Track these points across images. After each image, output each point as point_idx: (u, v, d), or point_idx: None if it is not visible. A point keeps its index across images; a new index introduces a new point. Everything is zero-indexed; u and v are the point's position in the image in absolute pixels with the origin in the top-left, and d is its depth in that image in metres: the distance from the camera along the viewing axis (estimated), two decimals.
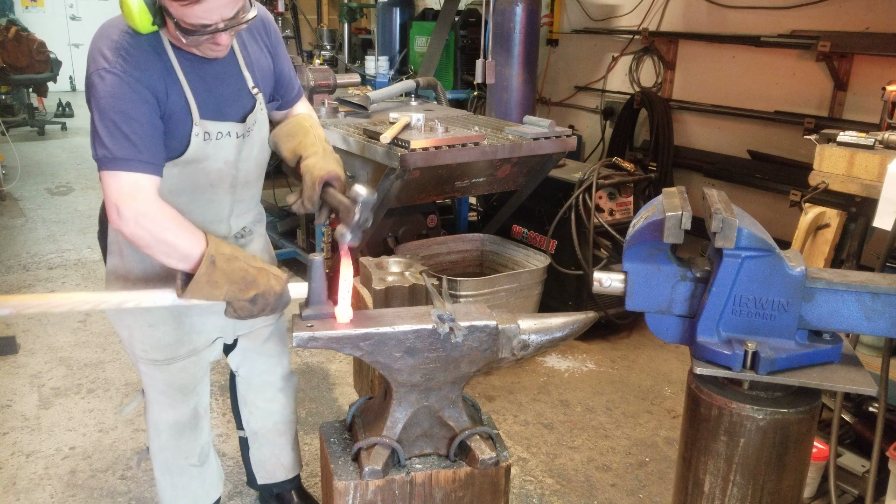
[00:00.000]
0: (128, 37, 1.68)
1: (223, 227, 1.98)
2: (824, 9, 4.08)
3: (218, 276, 1.64)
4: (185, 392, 2.08)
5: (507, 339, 1.70)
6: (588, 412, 3.27)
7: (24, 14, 11.15)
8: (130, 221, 1.62)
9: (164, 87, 1.70)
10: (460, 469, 1.70)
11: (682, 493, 1.59)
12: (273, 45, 1.98)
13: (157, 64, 1.69)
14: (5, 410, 3.16)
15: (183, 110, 1.74)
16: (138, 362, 2.03)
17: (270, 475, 2.41)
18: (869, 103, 3.91)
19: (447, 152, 3.17)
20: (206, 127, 1.77)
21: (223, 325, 2.06)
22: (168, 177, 1.77)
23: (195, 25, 1.60)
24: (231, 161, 1.87)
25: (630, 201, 3.92)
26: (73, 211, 6.06)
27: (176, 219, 1.65)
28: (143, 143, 1.64)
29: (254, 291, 1.66)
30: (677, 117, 5.06)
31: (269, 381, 2.28)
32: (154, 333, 1.97)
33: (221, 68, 1.82)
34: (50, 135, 9.13)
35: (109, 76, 1.63)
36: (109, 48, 1.66)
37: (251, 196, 2.04)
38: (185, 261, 1.64)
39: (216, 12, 1.60)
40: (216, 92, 1.81)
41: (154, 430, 2.12)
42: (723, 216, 1.34)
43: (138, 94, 1.64)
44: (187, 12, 1.58)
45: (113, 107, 1.62)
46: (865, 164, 2.28)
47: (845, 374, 1.44)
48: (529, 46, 4.85)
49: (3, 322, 3.95)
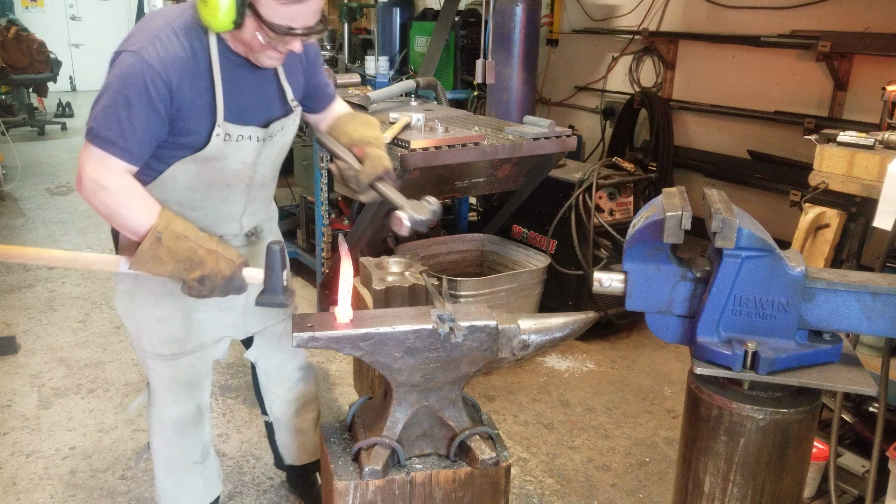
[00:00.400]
0: (169, 29, 1.70)
1: (235, 225, 2.01)
2: (824, 9, 4.08)
3: (162, 253, 1.68)
4: (190, 388, 2.11)
5: (507, 339, 1.70)
6: (588, 412, 3.27)
7: (24, 14, 11.14)
8: (88, 191, 1.67)
9: (189, 80, 1.71)
10: (460, 469, 1.70)
11: (682, 493, 1.59)
12: (310, 63, 2.03)
13: (190, 60, 1.71)
14: (5, 410, 3.16)
15: (208, 109, 1.77)
16: (145, 357, 2.05)
17: (296, 458, 2.50)
18: (869, 103, 3.91)
19: (447, 152, 3.17)
20: (227, 129, 1.80)
21: (233, 322, 2.09)
22: (185, 173, 1.81)
23: (283, 26, 1.65)
24: (249, 163, 1.91)
25: (630, 201, 3.92)
26: (73, 211, 6.06)
27: (133, 194, 1.69)
28: (130, 133, 1.66)
29: (199, 272, 1.70)
30: (677, 117, 5.06)
31: (287, 373, 2.34)
32: (163, 328, 1.99)
33: (257, 77, 1.86)
34: (50, 135, 9.13)
35: (132, 59, 1.66)
36: (145, 34, 1.70)
37: (265, 196, 2.08)
38: (134, 234, 1.70)
39: (305, 17, 1.66)
40: (246, 98, 1.84)
41: (158, 427, 2.14)
42: (723, 216, 1.34)
43: (149, 86, 1.65)
44: (282, 11, 1.63)
45: (120, 90, 1.65)
46: (865, 165, 2.28)
47: (845, 374, 1.44)
48: (529, 46, 4.85)
49: (4, 322, 3.95)
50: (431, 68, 5.43)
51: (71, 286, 4.50)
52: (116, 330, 3.92)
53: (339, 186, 3.68)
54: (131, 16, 9.85)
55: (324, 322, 1.65)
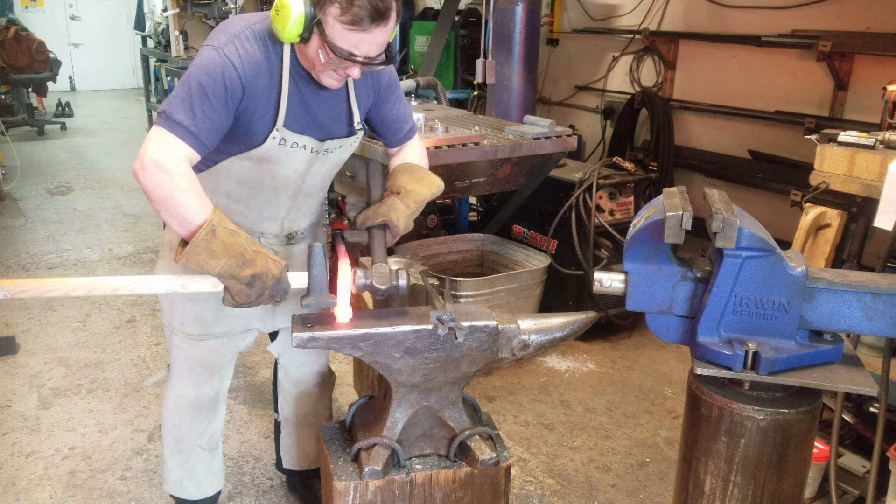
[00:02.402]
0: (249, 32, 1.76)
1: (276, 225, 2.04)
2: (825, 8, 4.07)
3: (216, 246, 1.62)
4: (210, 371, 2.15)
5: (507, 339, 1.69)
6: (588, 412, 3.26)
7: (23, 14, 11.13)
8: (148, 171, 1.63)
9: (260, 82, 1.75)
10: (460, 469, 1.69)
11: (683, 494, 1.59)
12: (383, 90, 2.03)
13: (263, 63, 1.76)
14: (5, 411, 3.16)
15: (270, 113, 1.80)
16: (173, 334, 2.10)
17: (296, 462, 2.51)
18: (870, 103, 3.90)
19: (447, 152, 3.16)
20: (284, 134, 1.83)
21: (262, 314, 2.13)
22: (239, 168, 1.86)
23: (345, 51, 1.67)
24: (300, 172, 1.93)
25: (630, 201, 3.92)
26: (72, 211, 6.06)
27: (192, 183, 1.66)
28: (202, 121, 1.68)
29: (251, 271, 1.64)
30: (678, 117, 5.05)
31: (305, 376, 2.36)
32: (195, 308, 2.03)
33: (326, 95, 1.89)
34: (49, 135, 9.12)
35: (212, 53, 1.71)
36: (227, 33, 1.75)
37: (311, 205, 2.10)
38: (187, 225, 1.63)
39: (367, 46, 1.69)
40: (310, 112, 1.87)
41: (172, 404, 2.19)
42: (723, 216, 1.34)
43: (226, 80, 1.69)
44: (347, 36, 1.66)
45: (198, 78, 1.69)
46: (866, 164, 2.28)
47: (846, 375, 1.44)
48: (530, 46, 4.85)
49: (3, 322, 3.94)
50: (431, 68, 5.43)
51: None
52: (116, 330, 3.92)
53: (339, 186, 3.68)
54: (131, 16, 9.81)
55: (324, 322, 1.65)
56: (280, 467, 2.60)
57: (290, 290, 1.71)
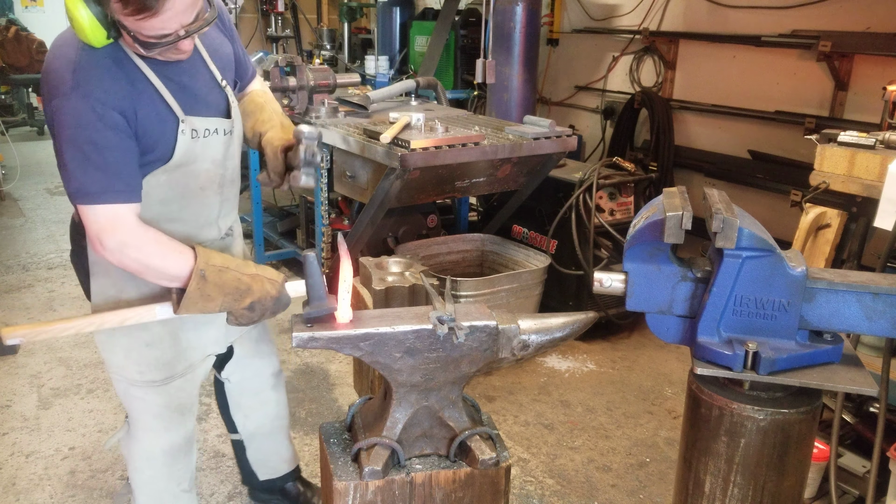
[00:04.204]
0: (85, 53, 1.58)
1: (213, 230, 1.95)
2: (825, 8, 4.07)
3: (210, 290, 1.63)
4: (181, 412, 2.03)
5: (507, 339, 1.69)
6: (588, 412, 3.26)
7: (23, 14, 11.10)
8: (116, 252, 1.61)
9: (132, 101, 1.61)
10: (460, 469, 1.69)
11: (683, 494, 1.59)
12: (229, 30, 1.92)
13: (122, 78, 1.60)
14: (5, 411, 3.16)
15: (163, 114, 1.68)
16: (132, 387, 1.95)
17: (274, 470, 2.43)
18: (870, 103, 3.90)
19: (447, 152, 3.16)
20: (192, 124, 1.73)
21: (217, 336, 2.03)
22: (156, 185, 1.73)
23: (154, 37, 1.53)
24: (219, 160, 1.85)
25: (630, 201, 3.92)
26: (71, 211, 6.05)
27: (161, 242, 1.63)
28: (115, 172, 1.58)
29: (249, 300, 1.66)
30: (678, 117, 5.05)
31: (262, 384, 2.28)
32: (152, 353, 1.92)
33: (188, 65, 1.74)
34: (49, 135, 9.12)
35: (72, 102, 1.55)
36: (68, 69, 1.57)
37: (234, 193, 2.01)
38: (176, 280, 1.64)
39: (175, 20, 1.51)
40: (190, 89, 1.74)
41: (144, 461, 2.04)
42: (723, 216, 1.34)
43: (105, 120, 1.55)
44: (144, 25, 1.50)
45: (80, 137, 1.55)
46: (866, 164, 2.28)
47: (846, 375, 1.44)
48: (530, 46, 4.85)
49: (3, 322, 3.94)
50: (431, 68, 5.44)
51: (70, 286, 4.49)
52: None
53: (339, 186, 3.68)
54: None
55: (323, 322, 1.65)
56: (252, 483, 2.50)
57: (291, 301, 1.74)
